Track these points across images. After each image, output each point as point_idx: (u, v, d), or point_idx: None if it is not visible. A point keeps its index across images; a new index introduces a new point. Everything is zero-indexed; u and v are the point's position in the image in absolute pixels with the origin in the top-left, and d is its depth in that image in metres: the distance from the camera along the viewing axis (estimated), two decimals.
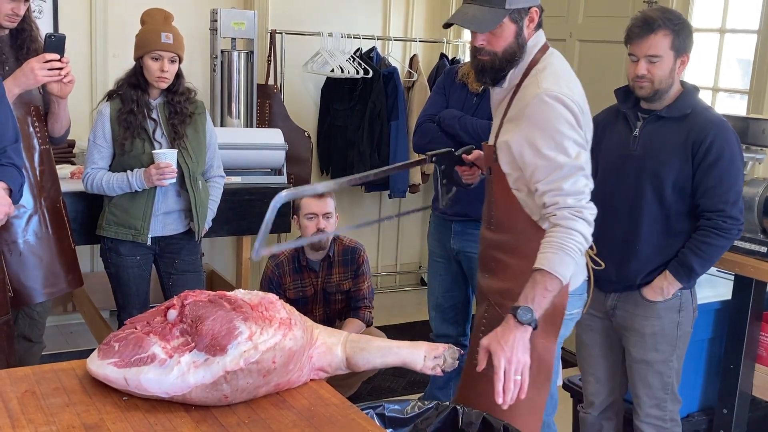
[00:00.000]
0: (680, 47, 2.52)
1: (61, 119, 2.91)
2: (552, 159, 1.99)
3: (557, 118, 2.00)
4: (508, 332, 1.87)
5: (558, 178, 1.98)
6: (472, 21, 2.03)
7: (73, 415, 1.56)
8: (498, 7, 2.02)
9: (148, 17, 3.10)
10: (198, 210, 3.17)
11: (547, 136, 2.00)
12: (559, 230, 1.96)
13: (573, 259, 1.94)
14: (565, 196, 1.97)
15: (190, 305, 1.72)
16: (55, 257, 2.90)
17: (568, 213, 1.96)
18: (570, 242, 1.94)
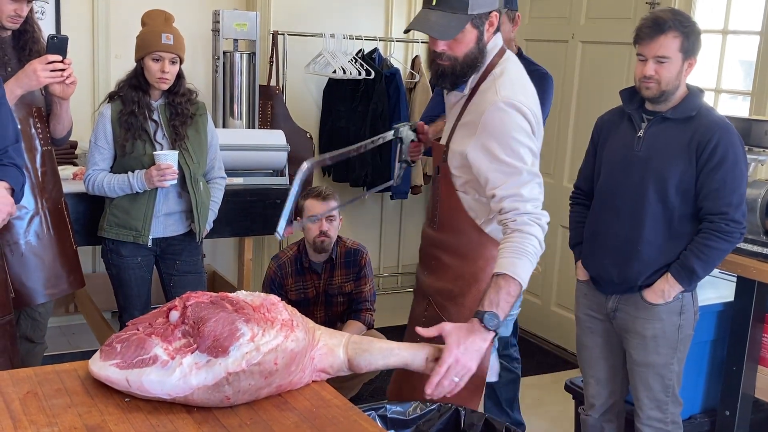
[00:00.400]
0: (689, 50, 2.52)
1: (63, 120, 2.91)
2: (510, 165, 2.01)
3: (513, 126, 2.03)
4: (471, 335, 1.87)
5: (517, 184, 2.01)
6: (436, 28, 2.01)
7: (75, 416, 1.56)
8: (461, 12, 2.00)
9: (148, 18, 3.10)
10: (199, 211, 3.17)
11: (503, 143, 2.02)
12: (518, 235, 1.97)
13: (532, 264, 1.98)
14: (525, 202, 2.00)
15: (192, 306, 1.72)
16: (56, 258, 2.90)
17: (527, 219, 1.99)
18: (530, 247, 1.97)
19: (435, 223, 2.21)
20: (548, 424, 3.78)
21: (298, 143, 4.42)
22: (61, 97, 2.79)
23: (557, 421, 3.79)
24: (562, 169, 4.63)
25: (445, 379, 1.84)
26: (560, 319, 4.71)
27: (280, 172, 4.04)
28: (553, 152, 4.63)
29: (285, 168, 4.03)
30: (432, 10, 2.01)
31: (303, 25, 4.81)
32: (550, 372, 4.40)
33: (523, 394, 3.69)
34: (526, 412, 3.62)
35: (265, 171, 4.01)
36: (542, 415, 3.86)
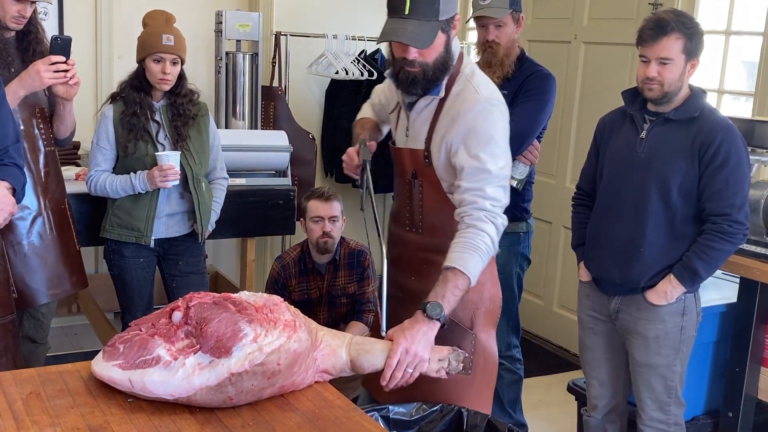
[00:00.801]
0: (692, 51, 2.51)
1: (67, 121, 2.91)
2: (482, 162, 2.06)
3: (497, 126, 2.10)
4: (415, 325, 1.91)
5: (482, 180, 2.05)
6: (414, 38, 2.00)
7: (78, 417, 1.56)
8: (433, 20, 2.01)
9: (149, 19, 3.11)
10: (201, 212, 3.17)
11: (484, 141, 2.07)
12: (472, 231, 2.02)
13: (483, 261, 2.01)
14: (485, 199, 2.04)
15: (194, 307, 1.72)
16: (59, 259, 2.90)
17: (483, 215, 2.03)
18: (482, 244, 2.00)
19: (419, 227, 2.22)
20: (551, 426, 3.77)
21: (300, 144, 4.42)
22: (64, 98, 2.79)
23: (560, 423, 3.79)
24: (565, 170, 4.62)
25: (398, 371, 1.86)
26: (563, 320, 4.71)
27: (283, 173, 4.04)
28: (555, 153, 4.63)
29: (287, 169, 4.04)
30: (405, 19, 2.01)
31: (305, 26, 4.81)
32: (553, 373, 4.40)
33: (526, 395, 3.68)
34: (529, 414, 3.62)
35: (267, 172, 4.01)
36: (545, 416, 3.86)
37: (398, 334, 1.90)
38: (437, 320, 1.92)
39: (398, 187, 2.31)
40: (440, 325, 1.93)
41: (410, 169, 2.22)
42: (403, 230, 2.26)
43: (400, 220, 2.27)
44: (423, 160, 2.18)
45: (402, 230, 2.27)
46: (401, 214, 2.27)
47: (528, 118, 3.00)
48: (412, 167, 2.21)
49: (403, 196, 2.26)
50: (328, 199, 3.39)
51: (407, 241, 2.25)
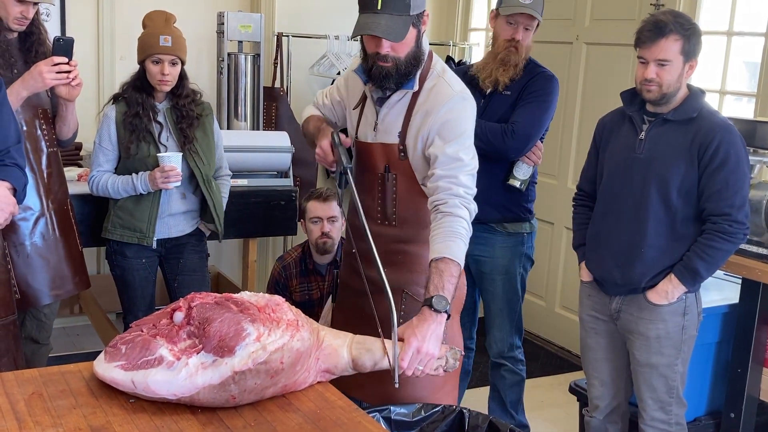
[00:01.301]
0: (690, 52, 2.52)
1: (69, 122, 2.92)
2: (456, 151, 2.13)
3: (469, 119, 2.20)
4: (424, 323, 1.93)
5: (456, 169, 2.12)
6: (387, 31, 2.05)
7: (80, 417, 1.56)
8: (405, 14, 2.06)
9: (148, 20, 3.11)
10: (217, 211, 3.19)
11: (458, 132, 2.16)
12: (450, 218, 2.07)
13: (465, 245, 2.08)
14: (458, 186, 2.10)
15: (197, 307, 1.72)
16: (62, 259, 2.91)
17: (458, 202, 2.09)
18: (461, 229, 2.07)
19: (393, 220, 2.27)
20: (553, 426, 3.77)
21: (302, 145, 4.39)
22: (66, 99, 2.79)
23: (562, 423, 3.79)
24: (566, 170, 4.62)
25: (408, 371, 1.88)
26: (565, 320, 4.71)
27: (285, 174, 4.04)
28: (556, 154, 4.63)
29: (289, 169, 4.04)
30: (378, 14, 2.05)
31: (307, 27, 4.82)
32: (555, 374, 4.40)
33: (528, 396, 3.68)
34: (531, 414, 3.62)
35: (269, 172, 4.02)
36: (546, 416, 3.86)
37: (408, 333, 1.90)
38: (444, 312, 1.94)
39: (365, 181, 2.31)
40: (447, 317, 1.95)
41: (382, 163, 2.26)
42: (375, 223, 2.28)
43: (370, 213, 2.29)
44: (398, 153, 2.23)
45: (373, 224, 2.27)
46: (370, 207, 2.30)
47: (531, 119, 3.01)
48: (385, 161, 2.26)
49: (373, 190, 2.29)
50: (326, 200, 3.39)
51: (380, 235, 2.25)
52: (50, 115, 2.89)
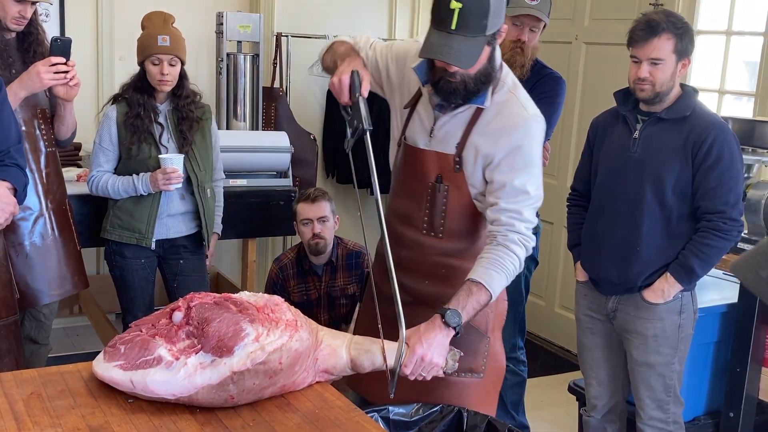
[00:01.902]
0: (682, 51, 2.52)
1: (67, 122, 2.92)
2: (523, 183, 2.03)
3: (540, 145, 2.07)
4: (432, 331, 1.90)
5: (521, 203, 2.03)
6: (460, 57, 1.91)
7: (79, 418, 1.56)
8: (480, 35, 1.91)
9: (147, 22, 3.11)
10: (207, 218, 3.19)
11: (527, 161, 2.04)
12: (504, 251, 2.00)
13: (506, 282, 2.02)
14: (521, 222, 2.02)
15: (196, 307, 1.72)
16: (61, 259, 2.91)
17: (517, 238, 2.01)
18: (510, 265, 2.00)
19: (440, 231, 2.15)
20: (552, 426, 3.77)
21: (301, 145, 4.42)
22: (64, 99, 2.79)
23: (561, 423, 3.79)
24: (566, 170, 4.62)
25: (411, 377, 1.87)
26: (564, 320, 4.71)
27: (284, 174, 4.04)
28: (556, 153, 4.63)
29: (288, 170, 4.04)
30: (451, 35, 1.89)
31: (306, 27, 4.82)
32: (554, 373, 4.40)
33: (528, 396, 3.68)
34: (531, 414, 3.62)
35: (268, 172, 4.01)
36: (546, 416, 3.86)
37: (414, 340, 1.88)
38: (454, 329, 1.91)
39: (411, 188, 2.18)
40: (455, 333, 1.92)
41: (434, 172, 2.12)
42: (418, 233, 2.17)
43: (414, 223, 2.17)
44: (453, 165, 2.09)
45: (416, 233, 2.17)
46: (415, 216, 2.17)
47: None
48: (438, 171, 2.12)
49: (420, 199, 2.15)
50: (315, 200, 3.39)
51: (423, 245, 2.17)
52: (48, 115, 2.89)
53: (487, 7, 1.88)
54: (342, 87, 1.95)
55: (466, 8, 1.86)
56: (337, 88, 1.97)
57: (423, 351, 1.87)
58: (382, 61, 2.22)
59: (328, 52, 2.18)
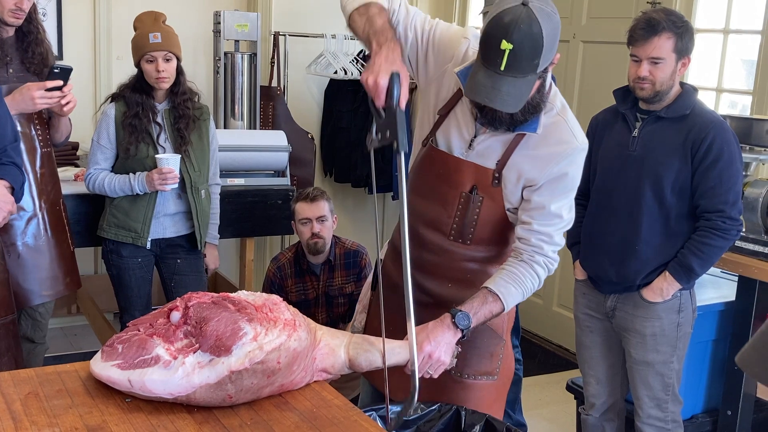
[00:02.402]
0: (683, 49, 2.52)
1: (61, 130, 2.93)
2: (560, 208, 2.00)
3: (580, 173, 2.02)
4: (440, 330, 1.89)
5: (554, 225, 2.00)
6: (506, 101, 1.79)
7: (76, 417, 1.56)
8: (531, 74, 1.79)
9: (138, 22, 3.13)
10: (200, 219, 3.18)
11: (569, 188, 2.00)
12: (527, 269, 1.99)
13: (522, 298, 2.01)
14: (549, 245, 2.00)
15: (194, 307, 1.72)
16: (53, 260, 2.89)
17: (543, 261, 2.00)
18: (529, 284, 1.99)
19: (468, 239, 2.07)
20: (550, 425, 3.77)
21: (299, 144, 4.42)
22: (59, 114, 2.79)
23: (559, 422, 3.79)
24: None
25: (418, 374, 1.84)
26: (562, 319, 4.71)
27: (282, 173, 4.04)
28: None
29: (286, 169, 4.04)
30: (500, 76, 1.77)
31: (304, 26, 4.82)
32: (552, 372, 4.40)
33: (525, 395, 3.68)
34: (528, 413, 3.62)
35: (266, 172, 4.01)
36: (544, 415, 3.86)
37: (422, 338, 1.86)
38: (461, 331, 1.90)
39: (441, 194, 2.08)
40: (461, 336, 1.91)
41: (470, 183, 2.02)
42: (444, 239, 2.09)
43: (441, 228, 2.09)
44: (491, 179, 2.01)
45: (442, 238, 2.09)
46: (442, 222, 2.08)
47: None
48: (474, 182, 2.02)
49: (451, 206, 2.06)
50: (314, 200, 3.39)
51: (448, 251, 2.10)
52: (45, 116, 2.89)
53: (539, 47, 1.76)
54: (378, 91, 1.74)
55: (517, 50, 1.74)
56: (372, 89, 1.75)
57: (431, 348, 1.86)
58: (422, 46, 2.03)
59: (362, 15, 1.91)
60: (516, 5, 1.75)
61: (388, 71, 1.74)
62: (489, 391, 2.20)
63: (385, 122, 1.76)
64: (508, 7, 1.76)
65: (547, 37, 1.76)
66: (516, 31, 1.73)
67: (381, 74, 1.73)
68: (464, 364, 2.14)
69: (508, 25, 1.74)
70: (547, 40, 1.76)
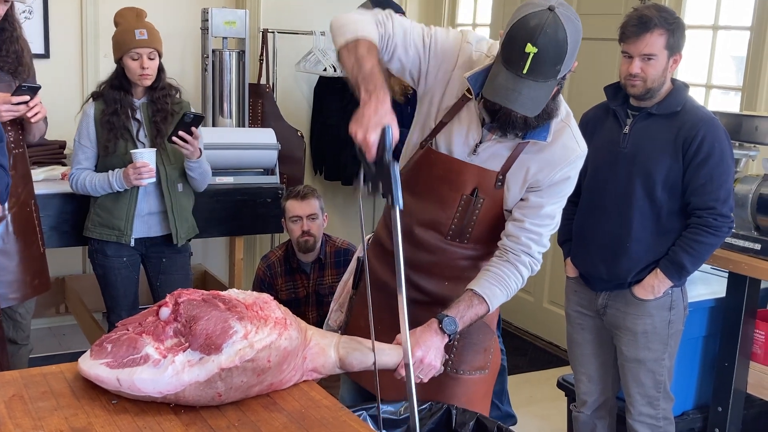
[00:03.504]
0: (674, 46, 2.52)
1: (34, 132, 2.92)
2: (554, 211, 2.03)
3: (576, 180, 2.05)
4: (428, 335, 1.91)
5: (545, 227, 2.02)
6: (526, 104, 1.80)
7: (61, 419, 1.54)
8: (551, 79, 1.80)
9: (120, 18, 3.10)
10: (175, 214, 3.15)
11: (566, 192, 2.04)
12: (512, 271, 2.00)
13: (505, 299, 2.02)
14: (537, 245, 2.02)
15: (183, 304, 1.71)
16: (21, 263, 2.85)
17: (528, 261, 2.01)
18: (513, 284, 2.01)
19: (466, 239, 2.08)
20: (541, 421, 3.77)
21: (288, 141, 4.40)
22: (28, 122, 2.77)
23: (550, 418, 3.79)
24: None
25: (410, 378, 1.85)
26: (553, 316, 4.71)
27: (271, 171, 4.03)
28: None
29: (275, 167, 4.02)
30: (522, 79, 1.77)
31: (293, 23, 4.80)
32: (543, 369, 4.40)
33: (516, 391, 3.68)
34: (519, 410, 3.62)
35: (255, 170, 4.00)
36: (535, 412, 3.86)
37: (412, 343, 1.86)
38: (448, 336, 1.92)
39: (440, 195, 2.07)
40: (448, 341, 1.94)
41: (472, 185, 2.03)
42: (442, 239, 2.09)
43: (438, 228, 2.08)
44: (495, 182, 2.01)
45: (439, 239, 2.10)
46: (440, 223, 2.08)
47: None
48: (476, 184, 2.02)
49: (450, 207, 2.06)
50: (304, 198, 3.38)
51: (445, 250, 2.10)
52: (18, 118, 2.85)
53: (563, 53, 1.77)
54: (369, 147, 1.70)
55: (542, 54, 1.75)
56: (363, 145, 1.71)
57: (422, 353, 1.88)
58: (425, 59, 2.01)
59: (351, 53, 1.88)
60: (542, 9, 1.76)
61: (377, 125, 1.69)
62: (481, 385, 2.23)
63: (376, 175, 1.73)
64: (534, 11, 1.77)
65: (571, 43, 1.78)
66: (542, 35, 1.74)
67: (370, 130, 1.69)
68: (461, 360, 2.16)
69: (534, 29, 1.75)
70: (571, 47, 1.78)
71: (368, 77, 1.79)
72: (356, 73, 1.82)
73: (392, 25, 1.96)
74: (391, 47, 1.96)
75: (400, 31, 1.97)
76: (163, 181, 3.11)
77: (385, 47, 1.95)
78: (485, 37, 2.05)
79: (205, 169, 3.16)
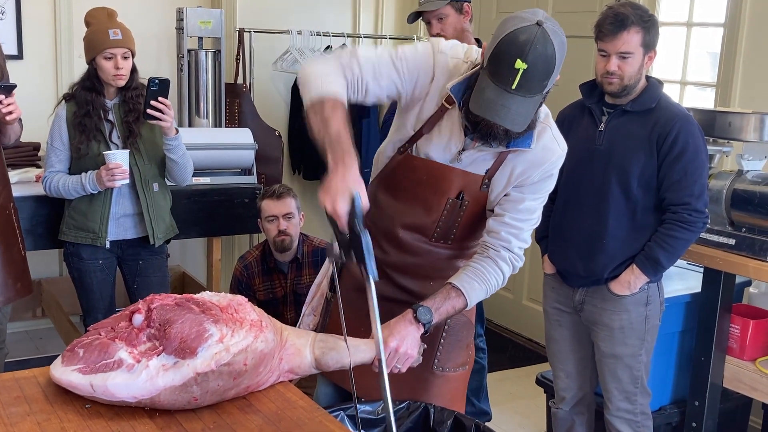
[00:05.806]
0: (650, 43, 2.53)
1: (9, 134, 2.86)
2: (534, 207, 2.04)
3: (555, 179, 2.06)
4: (402, 325, 1.91)
5: (526, 222, 2.03)
6: (514, 120, 1.81)
7: (34, 425, 1.53)
8: (538, 94, 1.81)
9: (91, 18, 3.06)
10: (151, 214, 3.12)
11: (547, 189, 2.05)
12: (492, 266, 2.00)
13: (485, 295, 2.03)
14: (517, 240, 2.02)
15: (156, 309, 1.69)
16: (2, 267, 2.80)
17: (509, 257, 2.02)
18: (493, 280, 2.01)
19: (450, 239, 2.11)
20: (520, 418, 3.79)
21: (266, 141, 4.38)
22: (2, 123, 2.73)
23: (529, 415, 3.80)
24: None
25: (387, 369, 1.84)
26: (532, 312, 4.73)
27: (248, 171, 4.01)
28: None
29: (253, 167, 4.00)
30: (510, 94, 1.77)
31: (269, 22, 4.78)
32: (522, 366, 4.42)
33: (495, 388, 3.69)
34: (499, 407, 3.63)
35: (232, 170, 3.97)
36: (514, 408, 3.87)
37: (386, 334, 1.87)
38: (423, 325, 1.92)
39: (424, 199, 2.07)
40: (424, 331, 1.93)
41: (457, 189, 2.03)
42: (426, 241, 2.11)
43: (423, 232, 2.09)
44: (480, 185, 2.03)
45: (424, 241, 2.11)
46: (425, 226, 2.08)
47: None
48: (461, 188, 2.03)
49: (435, 211, 2.06)
50: (280, 197, 3.36)
51: (430, 252, 2.12)
52: None
53: (552, 68, 1.79)
54: (339, 218, 1.69)
55: (531, 70, 1.76)
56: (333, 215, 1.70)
57: (396, 343, 1.87)
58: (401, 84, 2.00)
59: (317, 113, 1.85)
60: (531, 25, 1.77)
61: (346, 194, 1.69)
62: (462, 380, 2.26)
63: (348, 244, 1.71)
64: (523, 26, 1.77)
65: (558, 59, 1.80)
66: (532, 51, 1.75)
67: (339, 200, 1.68)
68: (447, 358, 2.18)
69: (524, 45, 1.75)
70: (558, 62, 1.81)
71: (334, 142, 1.79)
72: (323, 134, 1.82)
73: (358, 65, 1.93)
74: (363, 87, 1.95)
75: (368, 68, 1.94)
76: (138, 182, 3.08)
77: (356, 90, 1.94)
78: (457, 42, 2.04)
79: (185, 151, 3.11)
